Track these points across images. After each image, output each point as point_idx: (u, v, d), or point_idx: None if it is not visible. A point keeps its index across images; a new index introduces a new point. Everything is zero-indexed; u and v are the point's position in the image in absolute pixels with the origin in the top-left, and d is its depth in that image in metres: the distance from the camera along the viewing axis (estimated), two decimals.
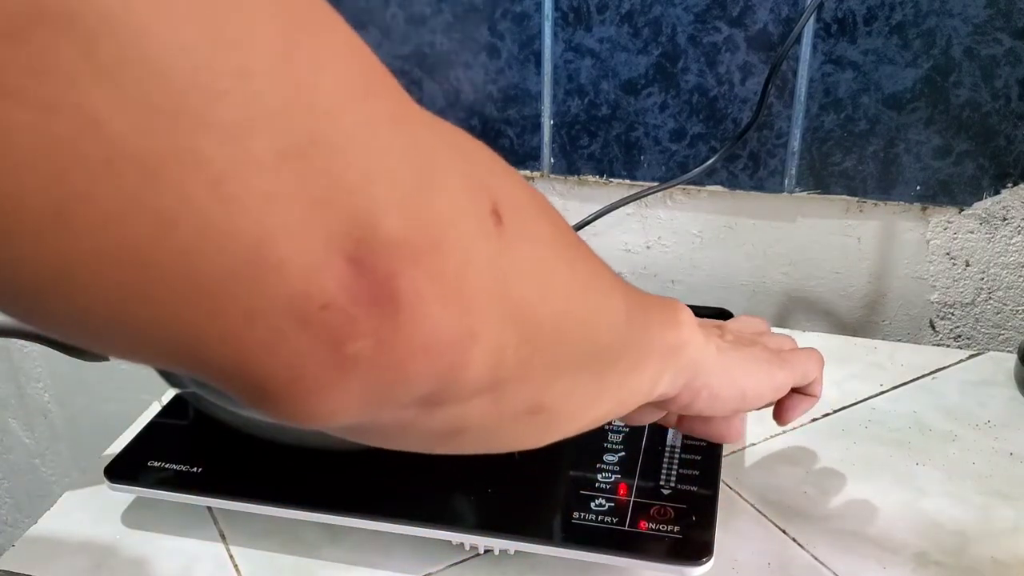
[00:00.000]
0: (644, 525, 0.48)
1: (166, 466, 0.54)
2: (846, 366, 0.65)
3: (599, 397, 0.35)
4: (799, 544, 0.50)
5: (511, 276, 0.26)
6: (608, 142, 0.74)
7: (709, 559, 0.46)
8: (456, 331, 0.24)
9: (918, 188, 0.69)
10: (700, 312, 0.66)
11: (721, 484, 0.51)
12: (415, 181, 0.23)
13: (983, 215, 0.70)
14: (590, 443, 0.53)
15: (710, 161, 0.71)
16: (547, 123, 0.74)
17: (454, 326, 0.23)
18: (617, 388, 0.36)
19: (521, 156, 0.76)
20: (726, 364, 0.42)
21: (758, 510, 0.52)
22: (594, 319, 0.32)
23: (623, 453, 0.53)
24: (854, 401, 0.62)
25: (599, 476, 0.51)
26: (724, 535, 0.50)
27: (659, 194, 0.75)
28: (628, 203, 0.73)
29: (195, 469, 0.53)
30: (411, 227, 0.22)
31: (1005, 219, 0.70)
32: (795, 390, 0.47)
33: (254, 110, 0.19)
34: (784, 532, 0.51)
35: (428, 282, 0.22)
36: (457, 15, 0.72)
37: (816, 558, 0.49)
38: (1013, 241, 0.71)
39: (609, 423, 0.55)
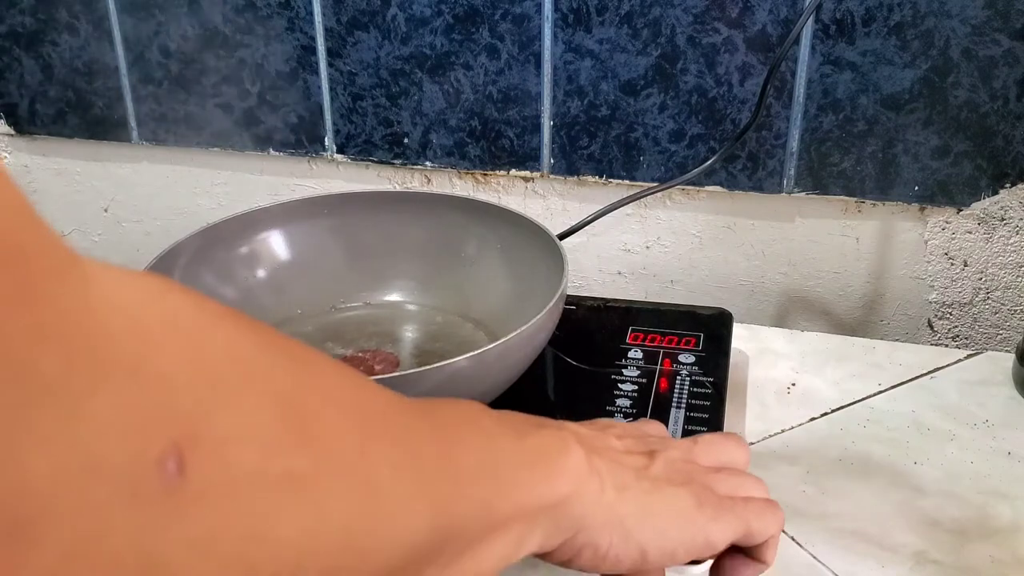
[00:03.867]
0: None
1: None
2: (844, 366, 0.65)
3: None
4: (798, 543, 0.50)
5: (179, 555, 0.19)
6: (608, 143, 0.74)
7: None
8: None
9: (916, 188, 0.70)
10: (700, 312, 0.67)
11: None
12: (2, 423, 0.16)
13: (981, 215, 0.70)
14: None
15: (709, 162, 0.71)
16: (547, 124, 0.74)
17: None
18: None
19: (521, 157, 0.76)
20: (625, 515, 0.35)
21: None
22: (360, 553, 0.25)
23: None
24: (852, 400, 0.62)
25: None
26: None
27: (658, 194, 0.75)
28: (627, 203, 0.73)
29: None
30: None
31: (1003, 219, 0.70)
32: (741, 550, 0.39)
33: None
34: (783, 531, 0.51)
35: None
36: (457, 16, 0.73)
37: (815, 557, 0.49)
38: (1011, 241, 0.71)
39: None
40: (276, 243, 0.67)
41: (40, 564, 0.16)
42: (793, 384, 0.64)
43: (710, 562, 0.40)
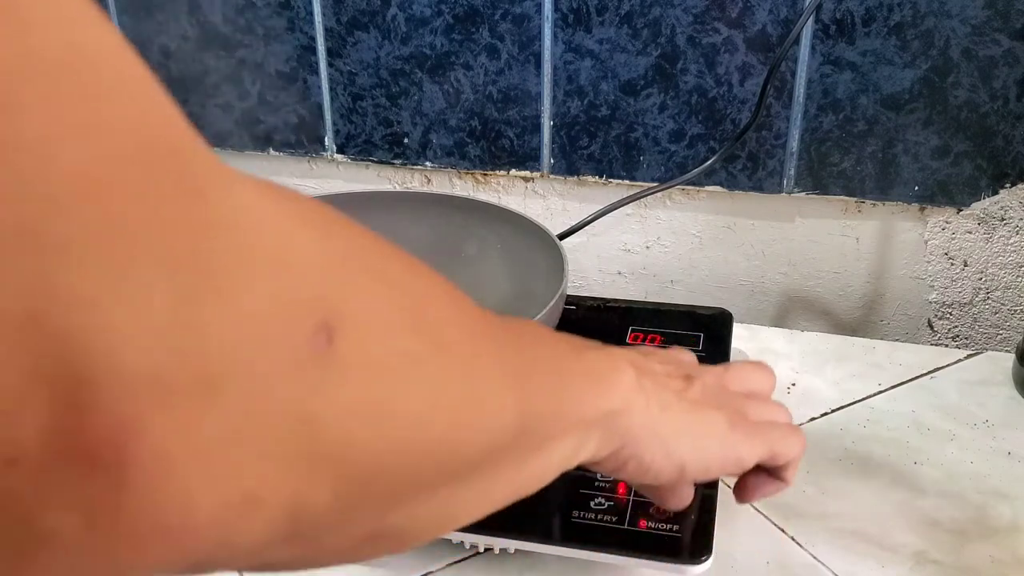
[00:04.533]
0: (643, 524, 0.48)
1: None
2: (845, 366, 0.65)
3: (478, 499, 0.31)
4: (798, 543, 0.50)
5: (330, 415, 0.21)
6: (608, 143, 0.74)
7: (708, 558, 0.46)
8: (217, 504, 0.19)
9: (916, 188, 0.70)
10: (700, 312, 0.67)
11: (720, 483, 0.51)
12: (181, 292, 0.18)
13: (981, 215, 0.70)
14: None
15: (709, 162, 0.71)
16: (547, 124, 0.74)
17: (214, 499, 0.19)
18: (509, 481, 0.33)
19: (521, 157, 0.76)
20: (668, 431, 0.38)
21: (757, 509, 0.53)
22: (461, 435, 0.28)
23: None
24: (853, 400, 0.62)
25: (598, 475, 0.51)
26: (723, 534, 0.50)
27: (658, 194, 0.75)
28: (627, 203, 0.73)
29: None
30: (166, 359, 0.17)
31: (1003, 219, 0.70)
32: (764, 469, 0.42)
33: None
34: (783, 531, 0.51)
35: (181, 438, 0.18)
36: (457, 16, 0.73)
37: (815, 557, 0.49)
38: (1011, 241, 0.71)
39: None
40: None
41: (219, 416, 0.19)
42: (793, 384, 0.64)
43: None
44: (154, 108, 0.19)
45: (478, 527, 0.49)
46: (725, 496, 0.54)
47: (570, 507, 0.49)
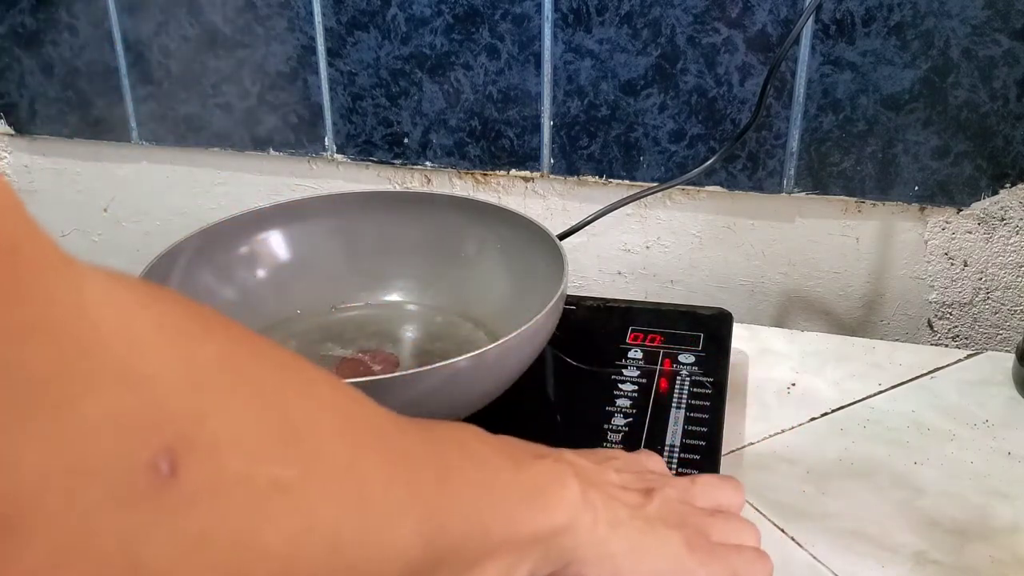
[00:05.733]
0: None
1: None
2: (844, 366, 0.65)
3: None
4: (797, 543, 0.50)
5: (166, 558, 0.19)
6: (608, 143, 0.74)
7: None
8: None
9: (916, 188, 0.70)
10: (700, 312, 0.67)
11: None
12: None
13: (981, 215, 0.70)
14: (590, 441, 0.54)
15: (709, 162, 0.71)
16: (547, 124, 0.74)
17: None
18: None
19: (521, 157, 0.76)
20: (616, 552, 0.35)
21: (757, 509, 0.53)
22: (349, 566, 0.24)
23: None
24: (852, 400, 0.62)
25: None
26: None
27: (658, 195, 0.75)
28: (627, 203, 0.73)
29: None
30: None
31: (1003, 219, 0.70)
32: None
33: None
34: (783, 531, 0.51)
35: None
36: (457, 16, 0.73)
37: (815, 557, 0.49)
38: (1011, 241, 0.71)
39: (609, 421, 0.55)
40: (276, 243, 0.67)
41: (28, 563, 0.16)
42: (793, 384, 0.64)
43: None
44: None
45: None
46: None
47: None
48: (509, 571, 0.32)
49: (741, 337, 0.68)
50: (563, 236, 0.71)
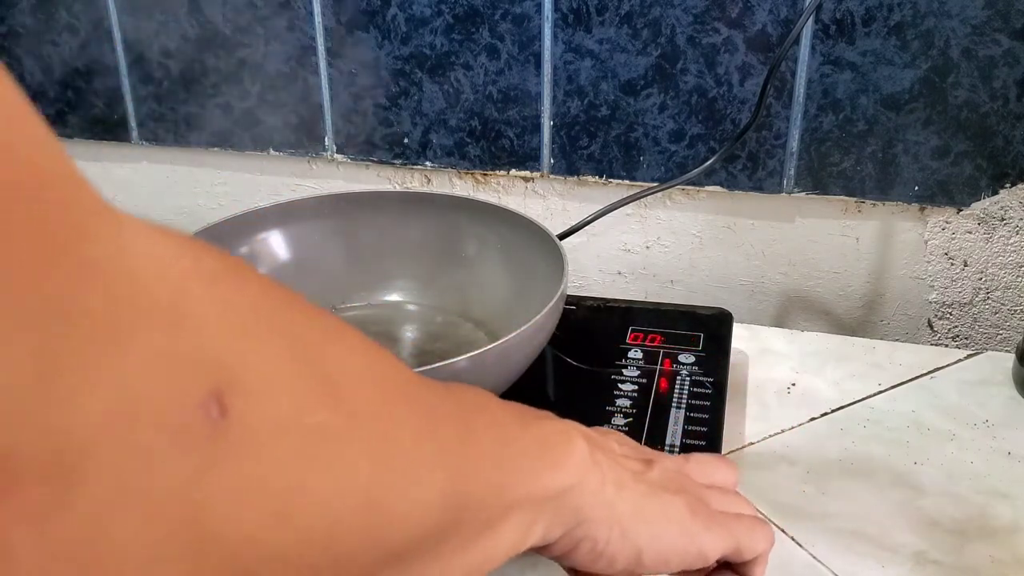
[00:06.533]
0: None
1: None
2: (845, 366, 0.65)
3: None
4: (798, 543, 0.50)
5: (221, 501, 0.18)
6: (608, 143, 0.74)
7: None
8: None
9: (916, 188, 0.70)
10: (700, 312, 0.67)
11: None
12: (43, 350, 0.16)
13: (981, 215, 0.70)
14: None
15: (709, 162, 0.71)
16: (547, 124, 0.74)
17: None
18: (450, 564, 0.29)
19: (521, 157, 0.76)
20: (624, 513, 0.35)
21: (757, 509, 0.52)
22: (380, 522, 0.24)
23: None
24: (852, 400, 0.62)
25: None
26: None
27: (658, 195, 0.75)
28: (627, 203, 0.73)
29: None
30: (17, 435, 0.15)
31: (1003, 219, 0.70)
32: (729, 567, 0.39)
33: None
34: (783, 531, 0.51)
35: (31, 534, 0.15)
36: (457, 16, 0.73)
37: (815, 557, 0.49)
38: (1011, 241, 0.71)
39: (609, 421, 0.55)
40: (276, 243, 0.67)
41: (84, 504, 0.16)
42: (793, 384, 0.64)
43: None
44: (23, 137, 0.17)
45: None
46: None
47: None
48: (525, 532, 0.32)
49: (741, 337, 0.68)
50: (563, 236, 0.71)
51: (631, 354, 0.62)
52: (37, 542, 0.15)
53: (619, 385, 0.59)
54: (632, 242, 0.79)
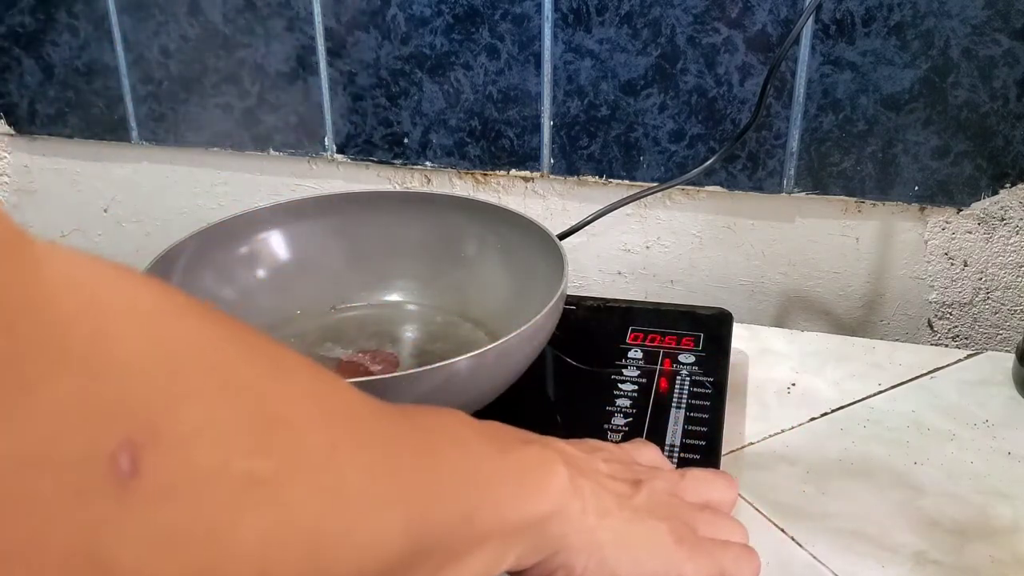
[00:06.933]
0: None
1: None
2: (844, 366, 0.65)
3: None
4: (797, 543, 0.50)
5: (129, 555, 0.18)
6: (607, 143, 0.74)
7: None
8: None
9: (916, 188, 0.70)
10: (700, 312, 0.67)
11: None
12: None
13: (981, 215, 0.70)
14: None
15: (709, 162, 0.71)
16: (547, 124, 0.74)
17: None
18: None
19: (521, 157, 0.76)
20: (604, 542, 0.34)
21: (757, 509, 0.52)
22: (323, 567, 0.23)
23: None
24: (852, 400, 0.62)
25: None
26: None
27: (658, 195, 0.75)
28: (627, 203, 0.73)
29: None
30: None
31: (1003, 219, 0.70)
32: None
33: None
34: (783, 531, 0.51)
35: None
36: (457, 16, 0.73)
37: (815, 557, 0.49)
38: (1011, 241, 0.71)
39: (609, 421, 0.55)
40: (276, 243, 0.67)
41: None
42: (793, 384, 0.64)
43: None
44: None
45: None
46: None
47: None
48: (497, 560, 0.31)
49: (741, 337, 0.68)
50: (563, 236, 0.71)
51: (631, 354, 0.62)
52: None
53: (619, 385, 0.59)
54: (632, 242, 0.79)
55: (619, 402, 0.57)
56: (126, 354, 0.18)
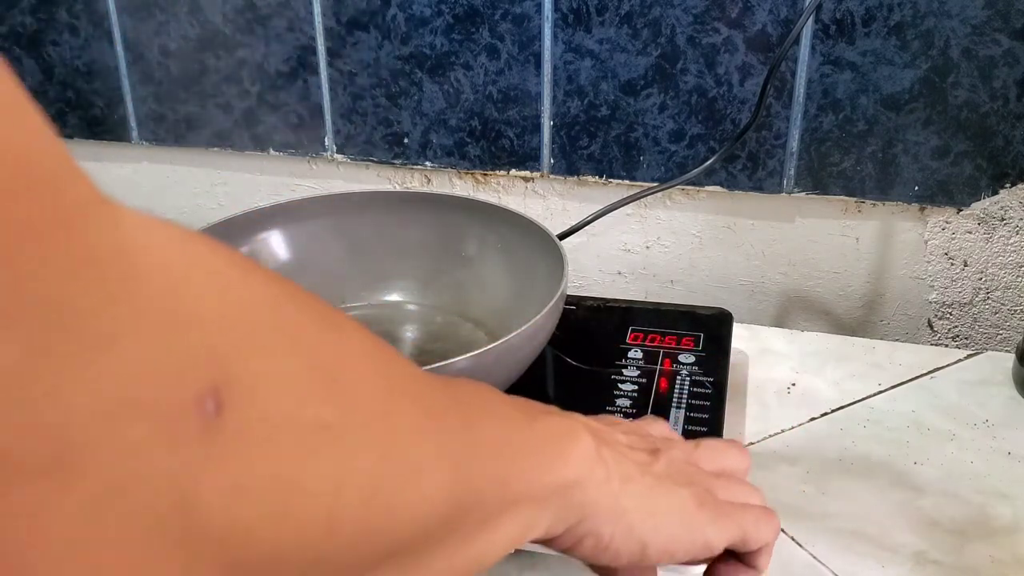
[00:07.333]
0: None
1: None
2: (845, 366, 0.65)
3: None
4: (798, 543, 0.50)
5: (215, 497, 0.19)
6: (608, 143, 0.74)
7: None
8: None
9: (916, 188, 0.70)
10: (700, 312, 0.67)
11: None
12: (35, 346, 0.16)
13: (981, 215, 0.70)
14: None
15: (709, 162, 0.71)
16: (547, 124, 0.74)
17: None
18: (445, 566, 0.29)
19: (521, 157, 0.76)
20: (629, 508, 0.35)
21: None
22: (380, 518, 0.24)
23: None
24: (852, 400, 0.62)
25: None
26: None
27: (658, 195, 0.75)
28: (627, 203, 0.73)
29: None
30: (12, 432, 0.15)
31: (1003, 219, 0.70)
32: (735, 555, 0.39)
33: None
34: (783, 531, 0.51)
35: (31, 528, 0.16)
36: (457, 16, 0.73)
37: (815, 557, 0.49)
38: (1011, 241, 0.71)
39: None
40: (276, 243, 0.67)
41: (77, 500, 0.16)
42: (793, 384, 0.64)
43: (703, 566, 0.40)
44: (18, 128, 0.17)
45: None
46: None
47: None
48: (528, 526, 0.32)
49: (741, 337, 0.68)
50: (563, 236, 0.71)
51: (631, 354, 0.62)
52: (34, 538, 0.16)
53: (619, 385, 0.59)
54: (632, 242, 0.79)
55: (619, 402, 0.57)
56: (201, 308, 0.19)
